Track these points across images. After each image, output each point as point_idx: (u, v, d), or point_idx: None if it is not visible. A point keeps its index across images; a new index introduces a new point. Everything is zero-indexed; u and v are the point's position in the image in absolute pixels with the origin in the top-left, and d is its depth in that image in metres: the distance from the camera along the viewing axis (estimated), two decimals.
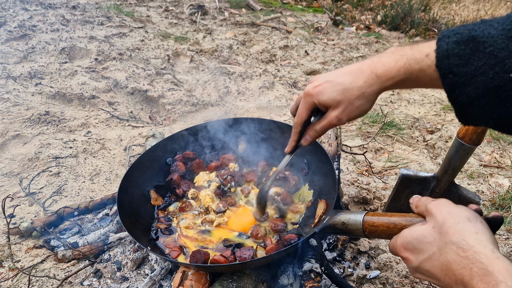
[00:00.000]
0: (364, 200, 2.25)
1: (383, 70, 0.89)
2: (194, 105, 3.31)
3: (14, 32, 4.23)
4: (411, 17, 6.21)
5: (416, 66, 0.84)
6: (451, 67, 0.77)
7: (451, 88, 0.78)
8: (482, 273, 0.63)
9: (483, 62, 0.73)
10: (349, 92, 0.93)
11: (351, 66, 0.96)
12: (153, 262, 1.61)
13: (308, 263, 1.34)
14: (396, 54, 0.88)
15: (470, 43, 0.75)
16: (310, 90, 1.00)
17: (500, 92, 0.73)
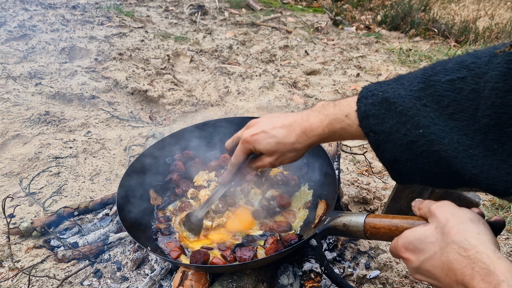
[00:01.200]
0: (364, 200, 2.25)
1: (310, 129, 1.01)
2: (194, 105, 3.31)
3: (14, 32, 4.23)
4: (411, 17, 6.21)
5: (338, 125, 0.95)
6: (371, 126, 0.86)
7: (376, 146, 0.87)
8: (483, 272, 0.63)
9: (396, 121, 0.82)
10: (282, 146, 1.06)
11: (285, 120, 1.07)
12: (153, 262, 1.61)
13: (308, 263, 1.34)
14: (322, 113, 0.99)
15: (384, 103, 0.84)
16: (248, 138, 1.11)
17: (414, 147, 0.80)
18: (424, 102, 0.79)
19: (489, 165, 0.72)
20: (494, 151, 0.72)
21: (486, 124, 0.72)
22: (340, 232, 1.13)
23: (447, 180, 0.81)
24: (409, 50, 5.27)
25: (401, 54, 5.11)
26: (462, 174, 0.75)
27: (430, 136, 0.77)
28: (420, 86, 0.81)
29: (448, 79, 0.77)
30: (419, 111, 0.79)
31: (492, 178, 0.72)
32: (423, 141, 0.78)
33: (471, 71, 0.75)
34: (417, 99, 0.80)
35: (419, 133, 0.78)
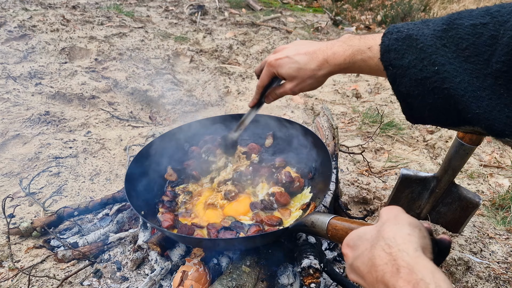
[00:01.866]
0: (364, 200, 2.25)
1: (332, 57, 1.04)
2: (194, 105, 3.31)
3: (14, 32, 4.23)
4: (411, 17, 6.21)
5: (359, 57, 0.99)
6: (390, 60, 0.90)
7: (393, 79, 0.91)
8: (403, 270, 0.62)
9: (415, 57, 0.86)
10: (303, 72, 1.10)
11: (309, 46, 1.11)
12: (153, 262, 1.60)
13: (307, 259, 1.34)
14: (346, 44, 1.02)
15: (407, 40, 0.88)
16: (272, 62, 1.17)
17: (427, 83, 0.84)
18: (444, 42, 0.83)
19: (492, 107, 0.76)
20: (500, 95, 0.76)
21: (498, 69, 0.75)
22: (308, 230, 1.16)
23: (452, 117, 0.86)
24: None
25: None
26: (466, 112, 0.80)
27: (444, 74, 0.81)
28: (443, 27, 0.84)
29: (471, 23, 0.80)
30: (438, 50, 0.83)
31: (492, 119, 0.77)
32: (436, 78, 0.82)
33: (494, 18, 0.78)
34: (438, 38, 0.83)
35: (434, 70, 0.82)
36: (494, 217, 2.22)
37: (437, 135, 3.12)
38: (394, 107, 3.66)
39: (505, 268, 1.82)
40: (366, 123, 3.30)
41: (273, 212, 1.60)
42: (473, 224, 2.12)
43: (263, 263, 1.39)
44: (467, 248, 1.88)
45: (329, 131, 1.97)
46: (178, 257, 1.56)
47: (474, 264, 1.75)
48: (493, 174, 2.66)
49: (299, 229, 1.20)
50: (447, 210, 1.91)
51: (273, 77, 1.22)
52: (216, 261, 1.49)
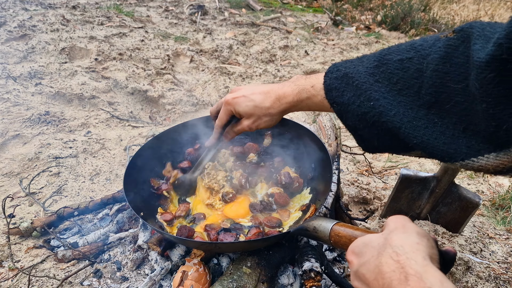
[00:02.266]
0: (364, 200, 2.25)
1: (283, 97, 1.14)
2: (194, 105, 3.31)
3: (14, 32, 4.23)
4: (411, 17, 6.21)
5: (304, 95, 1.08)
6: (333, 98, 0.97)
7: (339, 115, 0.98)
8: (411, 278, 0.62)
9: (353, 94, 0.92)
10: (259, 110, 1.19)
11: (263, 88, 1.20)
12: (153, 262, 1.60)
13: (308, 262, 1.34)
14: (294, 84, 1.12)
15: (344, 78, 0.95)
16: (230, 100, 1.25)
17: (367, 117, 0.89)
18: (377, 78, 0.89)
19: (429, 136, 0.80)
20: (434, 124, 0.80)
21: (428, 101, 0.80)
22: (310, 234, 1.16)
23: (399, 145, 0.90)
24: None
25: None
26: (407, 142, 0.84)
27: (379, 108, 0.86)
28: (375, 64, 0.90)
29: (398, 59, 0.86)
30: (372, 86, 0.88)
31: (431, 147, 0.80)
32: (373, 113, 0.88)
33: (418, 52, 0.83)
34: (371, 75, 0.90)
35: (370, 105, 0.88)
36: (494, 217, 2.22)
37: None
38: None
39: (505, 268, 1.82)
40: None
41: (272, 213, 1.59)
42: (473, 224, 2.12)
43: (263, 264, 1.39)
44: (467, 248, 1.88)
45: (332, 131, 1.97)
46: (178, 257, 1.56)
47: (474, 264, 1.75)
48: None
49: (301, 234, 1.19)
50: (447, 210, 1.91)
51: (231, 115, 1.28)
52: (216, 261, 1.49)
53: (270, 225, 1.48)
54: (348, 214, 1.79)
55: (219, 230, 1.42)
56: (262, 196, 1.67)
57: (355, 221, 1.81)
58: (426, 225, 1.95)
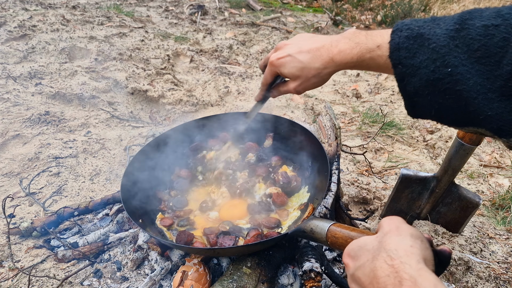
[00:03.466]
0: (364, 200, 2.25)
1: (338, 56, 1.01)
2: (194, 105, 3.31)
3: (14, 32, 4.23)
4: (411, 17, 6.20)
5: (367, 55, 0.96)
6: (400, 59, 0.87)
7: (400, 78, 0.89)
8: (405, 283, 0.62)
9: (427, 57, 0.84)
10: (307, 71, 1.07)
11: (312, 43, 1.07)
12: (153, 262, 1.60)
13: (308, 262, 1.34)
14: (352, 41, 0.99)
15: (418, 39, 0.86)
16: (274, 61, 1.14)
17: (439, 84, 0.82)
18: (457, 42, 0.81)
19: (503, 109, 0.76)
20: (509, 97, 0.76)
21: (508, 71, 0.75)
22: (307, 235, 1.15)
23: (460, 117, 0.84)
24: None
25: None
26: (478, 114, 0.79)
27: (457, 76, 0.80)
28: (455, 27, 0.83)
29: (483, 24, 0.79)
30: (451, 51, 0.81)
31: (503, 121, 0.76)
32: (448, 80, 0.81)
33: (506, 21, 0.78)
34: (451, 38, 0.82)
35: (447, 72, 0.81)
36: (494, 217, 2.22)
37: (437, 135, 3.12)
38: (394, 107, 3.66)
39: (505, 268, 1.82)
40: (366, 123, 3.30)
41: (270, 213, 1.59)
42: (473, 224, 2.12)
43: (264, 264, 1.39)
44: (467, 248, 1.88)
45: (332, 131, 1.97)
46: (178, 257, 1.56)
47: (474, 264, 1.75)
48: (493, 174, 2.66)
49: (299, 235, 1.19)
50: (447, 210, 1.91)
51: (277, 75, 1.20)
52: (216, 261, 1.49)
53: (268, 226, 1.47)
54: (348, 214, 1.79)
55: (218, 234, 1.40)
56: (260, 196, 1.66)
57: (355, 221, 1.81)
58: (426, 225, 1.95)
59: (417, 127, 3.28)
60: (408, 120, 3.38)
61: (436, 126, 3.27)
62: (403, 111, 3.58)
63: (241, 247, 1.33)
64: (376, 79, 4.24)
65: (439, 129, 3.20)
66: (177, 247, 1.43)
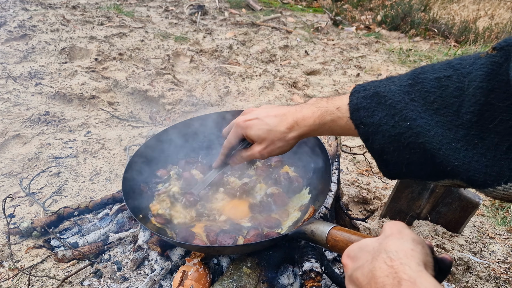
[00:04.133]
0: (364, 200, 2.25)
1: (302, 120, 1.05)
2: (194, 105, 3.31)
3: (14, 32, 4.23)
4: (411, 17, 6.21)
5: (328, 117, 1.00)
6: (361, 118, 0.91)
7: (365, 138, 0.91)
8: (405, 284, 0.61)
9: (385, 113, 0.87)
10: (273, 134, 1.09)
11: (279, 110, 1.11)
12: (153, 262, 1.60)
13: (308, 262, 1.34)
14: (314, 106, 1.04)
15: (375, 97, 0.89)
16: (241, 123, 1.15)
17: (402, 138, 0.84)
18: (412, 97, 0.84)
19: (470, 158, 0.76)
20: (474, 145, 0.76)
21: (469, 120, 0.76)
22: (307, 237, 1.15)
23: (430, 171, 0.85)
24: (409, 50, 5.27)
25: (401, 54, 5.11)
26: (445, 165, 0.80)
27: (417, 128, 0.82)
28: (409, 82, 0.86)
29: (435, 77, 0.82)
30: (407, 105, 0.84)
31: (472, 170, 0.76)
32: (410, 133, 0.83)
33: (457, 71, 0.80)
34: (406, 93, 0.85)
35: (407, 126, 0.83)
36: (494, 217, 2.22)
37: None
38: None
39: (505, 268, 1.82)
40: None
41: (271, 213, 1.59)
42: (473, 224, 2.12)
43: (263, 264, 1.39)
44: (467, 248, 1.88)
45: None
46: (178, 257, 1.56)
47: (474, 264, 1.75)
48: None
49: (299, 237, 1.19)
50: (447, 210, 1.91)
51: (241, 139, 1.19)
52: (216, 261, 1.49)
53: (268, 226, 1.47)
54: (348, 214, 1.79)
55: (218, 232, 1.41)
56: (261, 196, 1.66)
57: (355, 221, 1.81)
58: (426, 225, 1.95)
59: None
60: None
61: None
62: None
63: (241, 246, 1.34)
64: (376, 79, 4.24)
65: None
66: (176, 243, 1.43)
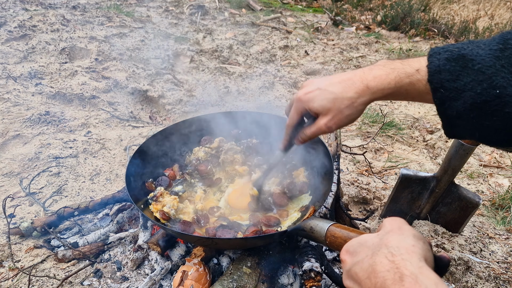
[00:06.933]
0: (364, 200, 2.25)
1: (374, 82, 0.93)
2: (194, 105, 3.31)
3: (14, 32, 4.23)
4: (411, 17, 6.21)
5: (406, 80, 0.89)
6: (442, 82, 0.82)
7: (441, 102, 0.84)
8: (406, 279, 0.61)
9: (472, 79, 0.79)
10: (339, 102, 0.97)
11: (342, 75, 0.99)
12: (153, 262, 1.61)
13: (308, 262, 1.34)
14: (387, 67, 0.93)
15: (460, 60, 0.81)
16: (302, 96, 1.03)
17: (487, 106, 0.78)
18: (503, 63, 0.78)
19: None
20: None
21: None
22: (306, 234, 1.16)
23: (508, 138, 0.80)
24: (409, 50, 5.27)
25: (401, 54, 5.11)
26: None
27: (506, 98, 0.76)
28: (499, 46, 0.79)
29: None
30: (498, 71, 0.77)
31: None
32: (497, 102, 0.77)
33: None
34: (497, 58, 0.78)
35: (495, 94, 0.77)
36: (494, 217, 2.22)
37: (437, 135, 3.12)
38: (394, 107, 3.66)
39: (505, 268, 1.82)
40: (366, 123, 3.30)
41: (269, 212, 1.59)
42: (473, 224, 2.12)
43: (263, 264, 1.39)
44: (467, 248, 1.88)
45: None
46: (178, 257, 1.56)
47: (474, 264, 1.75)
48: (493, 174, 2.66)
49: (298, 233, 1.20)
50: (447, 210, 1.91)
51: (304, 114, 1.08)
52: (216, 261, 1.49)
53: (268, 224, 1.48)
54: (348, 214, 1.79)
55: (217, 227, 1.42)
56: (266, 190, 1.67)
57: (355, 221, 1.82)
58: (426, 225, 1.95)
59: (417, 127, 3.28)
60: (408, 120, 3.38)
61: (436, 126, 3.27)
62: (403, 111, 3.58)
63: (240, 239, 1.35)
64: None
65: (439, 129, 3.20)
66: (177, 233, 1.45)
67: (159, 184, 1.68)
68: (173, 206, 1.53)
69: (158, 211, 1.54)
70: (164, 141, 1.81)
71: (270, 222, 1.48)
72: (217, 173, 1.81)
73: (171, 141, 1.83)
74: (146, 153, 1.71)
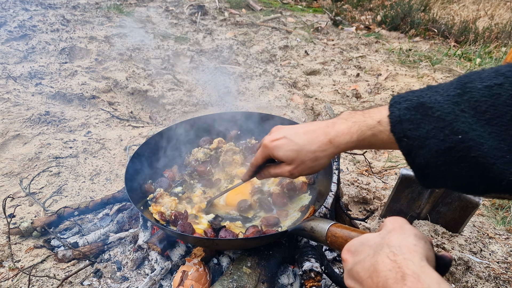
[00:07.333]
0: (364, 200, 2.25)
1: (336, 137, 0.96)
2: (194, 105, 3.31)
3: (14, 32, 4.23)
4: (410, 17, 6.21)
5: (368, 132, 0.92)
6: (404, 131, 0.84)
7: (407, 151, 0.86)
8: (408, 278, 0.61)
9: (433, 126, 0.80)
10: (303, 154, 1.01)
11: (308, 126, 1.04)
12: (153, 262, 1.61)
13: (308, 262, 1.34)
14: (349, 121, 0.96)
15: (420, 108, 0.82)
16: (268, 144, 1.08)
17: (453, 153, 0.78)
18: (462, 107, 0.77)
19: None
20: None
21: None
22: (307, 234, 1.16)
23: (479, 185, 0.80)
24: (409, 50, 5.27)
25: (401, 54, 5.11)
26: (499, 179, 0.74)
27: (469, 142, 0.75)
28: (456, 91, 0.79)
29: (485, 85, 0.77)
30: (458, 117, 0.77)
31: None
32: (461, 147, 0.77)
33: (508, 78, 0.75)
34: (455, 104, 0.78)
35: (458, 139, 0.77)
36: (494, 217, 2.22)
37: None
38: None
39: (505, 268, 1.82)
40: None
41: (268, 212, 1.59)
42: (473, 224, 2.12)
43: (264, 264, 1.39)
44: (467, 248, 1.88)
45: None
46: (178, 257, 1.56)
47: (474, 264, 1.75)
48: None
49: (298, 233, 1.20)
50: (447, 210, 1.92)
51: (268, 158, 1.13)
52: (216, 261, 1.49)
53: (268, 224, 1.48)
54: (348, 214, 1.79)
55: (218, 228, 1.43)
56: (267, 190, 1.68)
57: (355, 221, 1.82)
58: (426, 225, 1.95)
59: None
60: None
61: None
62: None
63: (240, 240, 1.36)
64: (376, 79, 4.24)
65: None
66: (177, 235, 1.46)
67: (159, 185, 1.68)
68: (170, 207, 1.53)
69: (157, 212, 1.54)
70: (164, 142, 1.81)
71: (270, 222, 1.48)
72: (216, 174, 1.81)
73: (170, 142, 1.83)
74: (145, 154, 1.71)
